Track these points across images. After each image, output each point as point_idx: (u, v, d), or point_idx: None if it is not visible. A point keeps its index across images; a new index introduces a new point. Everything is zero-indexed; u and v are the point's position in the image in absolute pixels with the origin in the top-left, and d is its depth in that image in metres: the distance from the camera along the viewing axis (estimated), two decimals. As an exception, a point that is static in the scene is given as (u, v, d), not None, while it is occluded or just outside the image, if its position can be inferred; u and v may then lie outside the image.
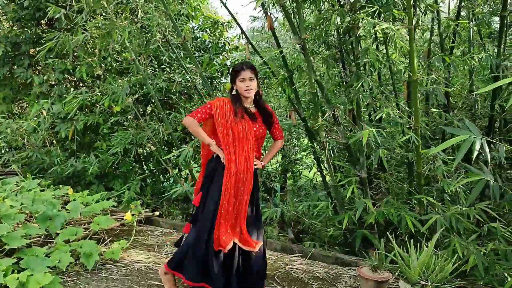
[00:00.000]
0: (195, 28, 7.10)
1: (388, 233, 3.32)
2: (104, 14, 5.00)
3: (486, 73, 5.22)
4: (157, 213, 5.16)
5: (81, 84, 6.74)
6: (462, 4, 4.37)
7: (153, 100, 5.56)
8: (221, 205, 2.82)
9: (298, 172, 6.69)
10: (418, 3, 3.84)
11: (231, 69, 3.08)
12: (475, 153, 2.29)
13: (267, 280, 3.37)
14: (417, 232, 3.57)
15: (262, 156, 3.15)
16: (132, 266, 3.64)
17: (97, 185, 5.95)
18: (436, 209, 3.56)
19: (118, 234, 4.44)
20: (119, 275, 3.46)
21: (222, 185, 2.83)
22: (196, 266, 2.84)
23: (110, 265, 3.64)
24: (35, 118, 6.23)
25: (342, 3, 4.05)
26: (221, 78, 7.04)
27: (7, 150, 6.68)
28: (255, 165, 2.96)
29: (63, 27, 5.85)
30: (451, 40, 4.37)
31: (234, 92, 2.97)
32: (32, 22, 6.63)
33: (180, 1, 6.36)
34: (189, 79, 5.66)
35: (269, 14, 4.48)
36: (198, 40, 6.88)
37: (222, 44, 7.00)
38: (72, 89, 6.54)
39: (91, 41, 5.92)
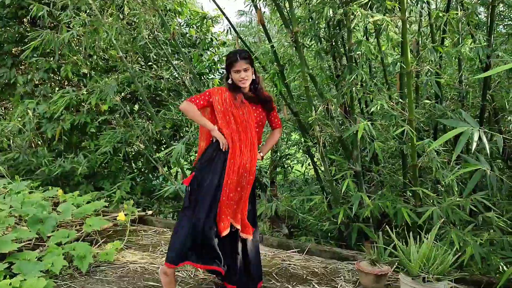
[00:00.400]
0: (181, 24, 7.02)
1: (383, 226, 3.31)
2: (89, 11, 4.90)
3: (473, 63, 5.23)
4: (150, 212, 5.09)
5: (66, 83, 6.61)
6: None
7: (141, 98, 5.48)
8: (223, 192, 2.74)
9: (290, 167, 6.69)
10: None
11: (226, 58, 2.97)
12: (474, 144, 2.29)
13: (265, 277, 3.34)
14: (412, 224, 3.56)
15: (262, 143, 3.11)
16: (128, 267, 3.58)
17: (86, 185, 5.84)
18: (432, 201, 3.56)
19: (111, 235, 4.36)
20: (115, 276, 3.40)
21: (223, 172, 2.75)
22: (202, 249, 2.74)
23: (104, 266, 3.57)
24: (20, 119, 6.09)
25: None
26: (209, 74, 6.98)
27: (-8, 152, 6.51)
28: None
29: (46, 25, 5.72)
30: (441, 31, 4.36)
31: (230, 81, 2.86)
32: (14, 20, 6.47)
33: (166, -4, 6.26)
34: (177, 75, 5.59)
35: (259, 8, 4.43)
36: (187, 35, 6.80)
37: (210, 40, 6.93)
38: (57, 88, 6.41)
39: (76, 39, 5.80)
